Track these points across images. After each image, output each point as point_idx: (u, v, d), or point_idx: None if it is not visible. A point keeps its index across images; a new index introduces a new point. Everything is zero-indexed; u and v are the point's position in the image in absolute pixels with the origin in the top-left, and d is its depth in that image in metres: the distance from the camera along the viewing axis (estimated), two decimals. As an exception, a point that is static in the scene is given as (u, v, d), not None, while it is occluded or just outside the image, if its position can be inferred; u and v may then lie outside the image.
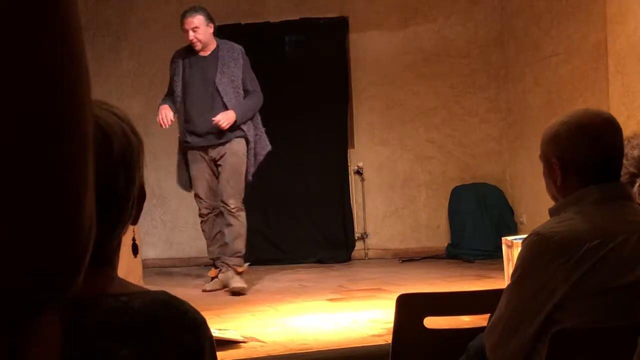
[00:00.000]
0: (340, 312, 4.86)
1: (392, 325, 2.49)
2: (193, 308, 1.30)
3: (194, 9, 5.90)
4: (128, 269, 4.69)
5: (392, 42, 8.08)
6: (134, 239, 1.48)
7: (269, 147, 6.09)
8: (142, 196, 1.33)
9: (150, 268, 6.62)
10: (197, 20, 5.84)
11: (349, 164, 8.08)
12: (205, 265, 7.84)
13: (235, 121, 5.71)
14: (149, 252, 7.46)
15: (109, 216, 1.24)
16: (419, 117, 8.04)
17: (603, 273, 1.91)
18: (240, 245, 5.86)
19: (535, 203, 6.85)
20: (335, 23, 8.10)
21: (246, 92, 5.89)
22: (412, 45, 8.06)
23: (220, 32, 8.20)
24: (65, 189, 0.53)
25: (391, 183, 8.08)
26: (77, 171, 0.54)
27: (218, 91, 5.76)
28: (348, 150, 8.11)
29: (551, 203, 2.19)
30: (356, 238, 8.02)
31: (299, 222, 7.96)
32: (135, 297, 1.24)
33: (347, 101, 8.13)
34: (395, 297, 2.48)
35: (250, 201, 8.04)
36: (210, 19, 5.91)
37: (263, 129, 6.09)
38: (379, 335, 4.01)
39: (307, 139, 7.97)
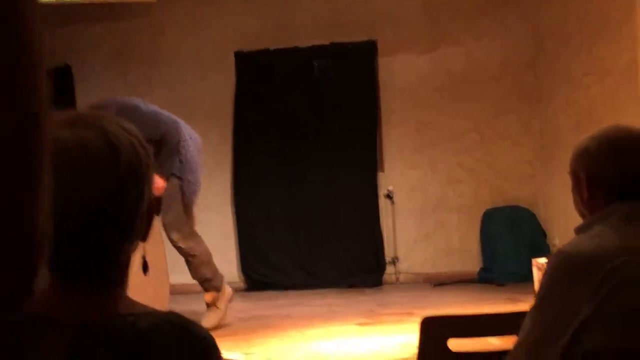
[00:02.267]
0: (369, 337, 4.81)
1: (419, 349, 2.44)
2: (204, 329, 1.26)
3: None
4: (155, 292, 4.69)
5: (421, 65, 8.06)
6: (144, 257, 1.46)
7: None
8: (151, 212, 1.29)
9: (179, 294, 6.61)
10: None
11: (379, 188, 8.04)
12: (236, 290, 7.83)
13: (166, 178, 5.18)
14: (177, 277, 7.46)
15: (117, 231, 1.22)
16: (450, 140, 8.00)
17: (629, 292, 1.85)
18: (204, 272, 5.34)
19: (568, 225, 6.74)
20: (364, 47, 8.10)
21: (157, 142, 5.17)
22: (442, 68, 8.03)
23: (250, 58, 8.28)
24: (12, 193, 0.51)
25: (422, 207, 8.03)
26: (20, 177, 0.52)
27: None
28: (378, 173, 8.08)
29: (582, 223, 2.14)
30: (387, 262, 7.96)
31: (329, 246, 7.93)
32: (142, 318, 1.21)
33: (377, 124, 8.11)
34: (424, 321, 2.44)
35: (281, 226, 8.07)
36: None
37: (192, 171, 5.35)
38: (408, 360, 3.96)
39: (337, 163, 7.96)
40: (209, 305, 5.41)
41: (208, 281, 5.39)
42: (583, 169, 2.07)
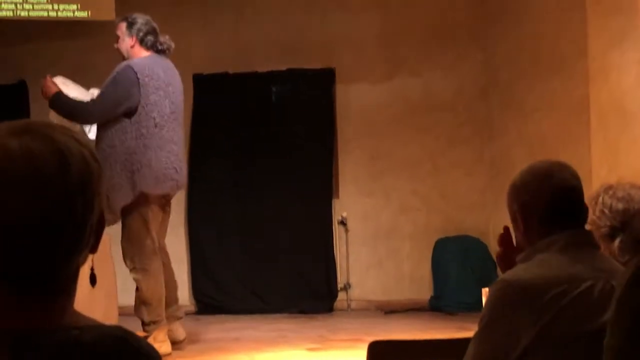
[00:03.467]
0: (318, 362, 4.81)
1: (365, 373, 2.45)
2: (148, 344, 1.26)
3: (123, 16, 5.37)
4: (104, 313, 4.64)
5: (378, 94, 8.13)
6: (92, 269, 1.44)
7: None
8: (101, 224, 1.28)
9: (129, 316, 6.53)
10: (118, 27, 5.30)
11: (333, 214, 8.06)
12: (187, 314, 7.77)
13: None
14: (129, 299, 7.38)
15: (64, 242, 1.21)
16: (404, 168, 8.06)
17: (569, 319, 1.89)
18: (142, 312, 5.12)
19: (518, 256, 6.82)
20: (322, 74, 8.15)
21: None
22: (398, 97, 8.12)
23: (208, 81, 8.29)
24: None
25: (375, 234, 8.07)
26: None
27: None
28: (333, 200, 8.10)
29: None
30: (339, 289, 7.97)
31: (282, 271, 7.91)
32: (87, 331, 1.20)
33: (333, 151, 8.15)
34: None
35: (232, 250, 8.05)
36: (132, 30, 5.25)
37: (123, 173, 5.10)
38: (355, 385, 3.96)
39: (293, 188, 7.97)
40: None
41: (143, 324, 5.14)
42: (515, 201, 2.13)
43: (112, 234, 5.16)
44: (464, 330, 6.14)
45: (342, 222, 8.06)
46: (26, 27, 7.67)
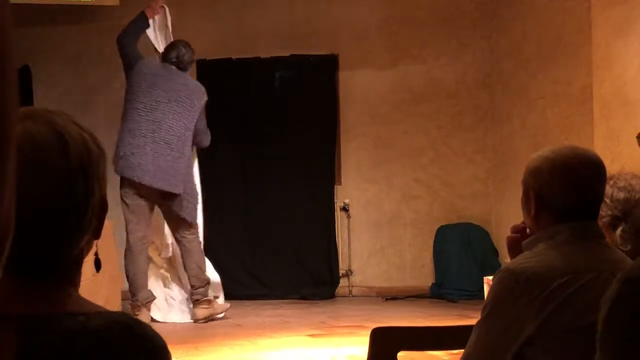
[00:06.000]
0: (319, 348, 4.84)
1: (368, 360, 2.47)
2: (153, 331, 1.27)
3: None
4: (107, 298, 4.67)
5: (381, 81, 8.13)
6: (96, 254, 1.45)
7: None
8: (103, 208, 1.29)
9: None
10: None
11: (335, 201, 8.08)
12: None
13: None
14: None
15: (65, 225, 1.22)
16: (407, 155, 8.07)
17: (572, 310, 1.90)
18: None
19: (519, 244, 6.83)
20: (325, 60, 8.15)
21: None
22: (401, 84, 8.11)
23: (212, 67, 8.29)
24: None
25: (377, 221, 8.08)
26: None
27: None
28: (335, 186, 8.12)
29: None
30: (341, 275, 7.99)
31: (283, 257, 7.94)
32: (93, 318, 1.21)
33: (335, 138, 8.16)
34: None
35: (235, 235, 8.06)
36: None
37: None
38: (357, 372, 3.99)
39: (295, 175, 7.98)
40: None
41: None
42: (533, 188, 2.10)
43: (115, 220, 5.19)
44: (465, 318, 6.17)
45: (345, 209, 8.08)
46: (30, 12, 7.67)
